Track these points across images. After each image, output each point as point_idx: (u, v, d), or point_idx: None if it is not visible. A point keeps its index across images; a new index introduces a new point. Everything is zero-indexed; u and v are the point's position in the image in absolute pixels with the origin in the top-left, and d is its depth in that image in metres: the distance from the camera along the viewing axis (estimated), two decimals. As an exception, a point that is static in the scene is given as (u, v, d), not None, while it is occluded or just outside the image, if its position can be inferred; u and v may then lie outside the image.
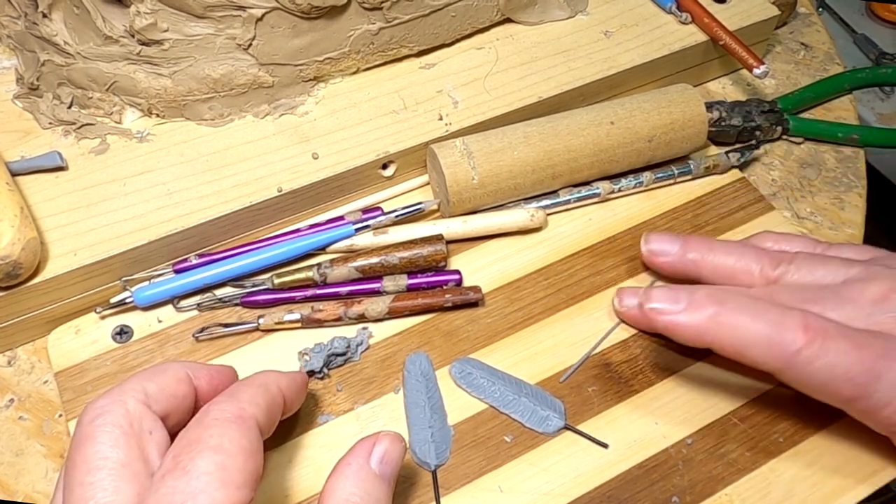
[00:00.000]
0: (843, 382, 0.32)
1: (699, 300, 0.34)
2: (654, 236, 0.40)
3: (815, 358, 0.32)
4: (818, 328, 0.32)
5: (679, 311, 0.34)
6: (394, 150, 0.44)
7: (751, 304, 0.33)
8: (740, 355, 0.34)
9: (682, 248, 0.39)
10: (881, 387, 0.32)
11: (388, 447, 0.30)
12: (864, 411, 0.33)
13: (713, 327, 0.33)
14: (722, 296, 0.34)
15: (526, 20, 0.50)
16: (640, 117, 0.44)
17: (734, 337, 0.33)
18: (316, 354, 0.39)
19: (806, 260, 0.37)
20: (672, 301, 0.35)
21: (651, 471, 0.36)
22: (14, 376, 0.40)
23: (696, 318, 0.34)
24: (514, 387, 0.38)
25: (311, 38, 0.44)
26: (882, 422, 0.33)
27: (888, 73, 0.54)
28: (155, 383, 0.29)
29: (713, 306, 0.34)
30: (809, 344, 0.32)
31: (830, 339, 0.32)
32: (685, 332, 0.34)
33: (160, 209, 0.41)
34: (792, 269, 0.37)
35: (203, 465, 0.25)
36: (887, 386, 0.32)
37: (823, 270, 0.36)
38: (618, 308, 0.40)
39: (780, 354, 0.32)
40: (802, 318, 0.32)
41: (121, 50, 0.42)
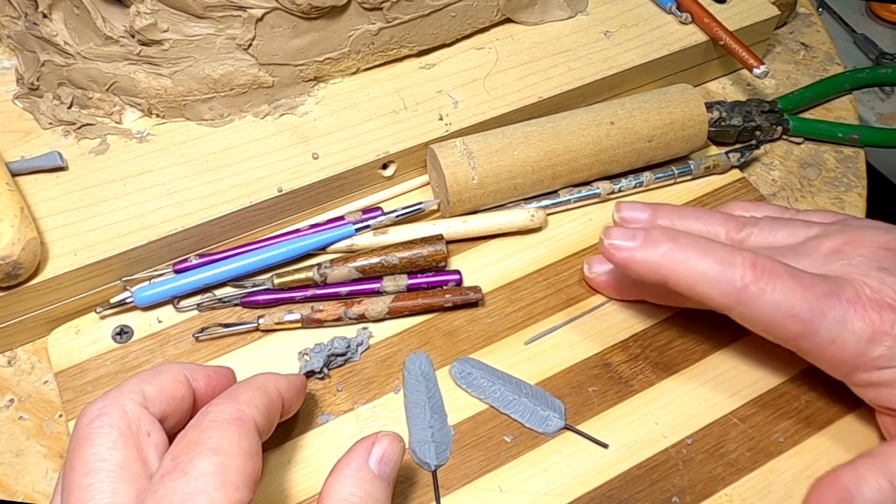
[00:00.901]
0: (788, 319, 0.33)
1: (654, 237, 0.35)
2: (624, 205, 0.41)
3: (762, 293, 0.33)
4: (766, 266, 0.33)
5: (635, 248, 0.35)
6: (394, 150, 0.44)
7: (703, 242, 0.34)
8: (692, 290, 0.34)
9: (652, 215, 0.40)
10: (826, 324, 0.32)
11: (387, 447, 0.30)
12: (809, 350, 0.34)
13: (666, 263, 0.34)
14: (676, 233, 0.35)
15: (526, 20, 0.50)
16: (640, 117, 0.44)
17: (686, 272, 0.34)
18: (316, 354, 0.39)
19: (769, 223, 0.38)
20: (629, 238, 0.35)
21: (651, 471, 0.36)
22: (14, 376, 0.40)
23: (650, 254, 0.35)
24: (514, 387, 0.38)
25: (311, 38, 0.44)
26: (828, 360, 0.34)
27: (888, 73, 0.54)
28: (153, 385, 0.29)
29: (667, 242, 0.35)
30: (756, 280, 0.33)
31: (777, 276, 0.33)
32: (640, 268, 0.35)
33: (160, 209, 0.41)
34: (755, 231, 0.38)
35: (202, 466, 0.25)
36: (832, 324, 0.32)
37: (784, 232, 0.37)
38: (587, 275, 0.41)
39: (728, 290, 0.33)
40: (751, 256, 0.33)
41: (121, 50, 0.42)
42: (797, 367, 0.39)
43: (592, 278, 0.41)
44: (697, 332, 0.40)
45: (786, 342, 0.34)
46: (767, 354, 0.40)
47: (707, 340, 0.40)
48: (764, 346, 0.40)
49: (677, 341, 0.40)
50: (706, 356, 0.40)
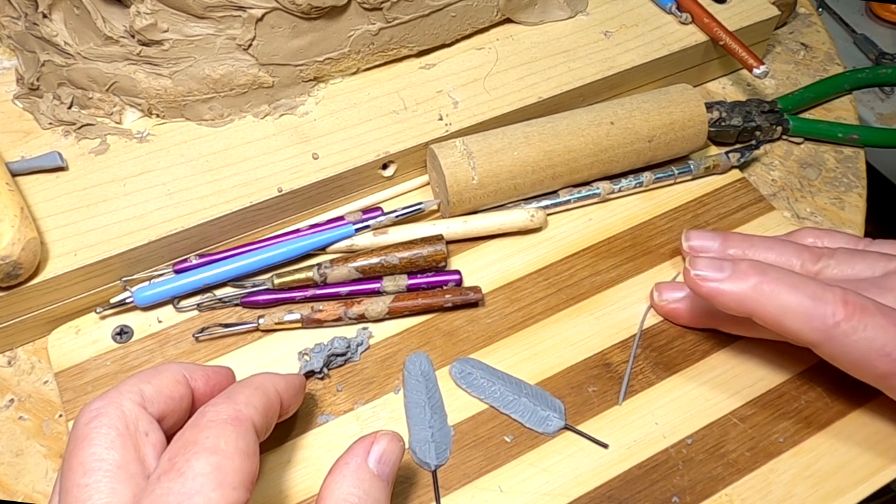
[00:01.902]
0: (879, 357, 0.32)
1: (743, 269, 0.35)
2: (694, 233, 0.40)
3: (854, 332, 0.32)
4: (857, 303, 0.33)
5: (723, 279, 0.35)
6: (394, 150, 0.44)
7: (793, 277, 0.34)
8: (780, 325, 0.34)
9: (722, 245, 0.39)
10: None
11: (386, 447, 0.30)
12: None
13: (754, 296, 0.34)
14: (765, 267, 0.35)
15: (526, 20, 0.50)
16: (640, 117, 0.44)
17: (775, 307, 0.34)
18: (316, 354, 0.39)
19: (846, 255, 0.37)
20: (716, 269, 0.35)
21: (651, 471, 0.36)
22: (14, 376, 0.40)
23: (738, 286, 0.34)
24: (514, 387, 0.38)
25: (311, 38, 0.44)
26: None
27: (888, 73, 0.54)
28: (151, 385, 0.29)
29: (756, 276, 0.34)
30: (849, 318, 0.32)
31: (869, 314, 0.32)
32: (727, 300, 0.35)
33: (160, 209, 0.41)
34: (832, 263, 0.37)
35: (199, 466, 0.25)
36: None
37: (863, 264, 0.37)
38: (657, 302, 0.41)
39: (819, 326, 0.33)
40: (842, 293, 0.33)
41: (121, 50, 0.42)
42: (797, 367, 0.39)
43: (663, 306, 0.41)
44: (697, 333, 0.40)
45: (875, 381, 0.34)
46: (767, 354, 0.40)
47: (707, 340, 0.40)
48: (764, 347, 0.40)
49: (677, 341, 0.40)
50: (706, 356, 0.40)
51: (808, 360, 0.39)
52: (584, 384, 0.39)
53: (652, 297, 0.41)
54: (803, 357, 0.39)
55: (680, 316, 0.40)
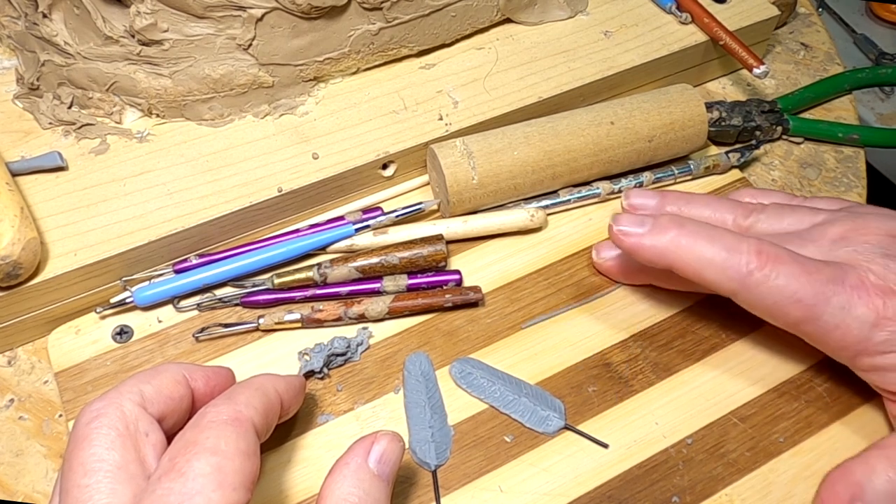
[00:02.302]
0: (792, 304, 0.33)
1: (662, 223, 0.36)
2: (633, 192, 0.41)
3: (766, 279, 0.33)
4: (771, 252, 0.34)
5: (643, 234, 0.36)
6: (394, 150, 0.44)
7: (710, 229, 0.35)
8: (698, 276, 0.35)
9: (660, 202, 0.40)
10: (829, 309, 0.33)
11: (386, 447, 0.30)
12: (813, 334, 0.34)
13: (673, 249, 0.35)
14: (683, 220, 0.36)
15: (526, 20, 0.50)
16: (640, 117, 0.44)
17: (693, 258, 0.35)
18: (316, 354, 0.39)
19: (776, 210, 0.39)
20: (637, 224, 0.36)
21: (651, 471, 0.36)
22: (14, 376, 0.40)
23: (658, 240, 0.35)
24: (514, 387, 0.38)
25: (311, 38, 0.44)
26: (832, 345, 0.34)
27: (888, 73, 0.54)
28: (151, 385, 0.29)
29: (674, 229, 0.35)
30: (761, 266, 0.33)
31: (782, 262, 0.33)
32: (648, 254, 0.36)
33: (160, 209, 0.41)
34: (762, 217, 0.38)
35: (199, 466, 0.25)
36: (835, 309, 0.33)
37: (791, 218, 0.38)
38: (595, 260, 0.42)
39: (733, 276, 0.34)
40: (757, 243, 0.34)
41: (121, 50, 0.42)
42: (797, 367, 0.39)
43: (601, 263, 0.42)
44: (697, 333, 0.40)
45: (790, 327, 0.35)
46: (767, 355, 0.40)
47: (707, 341, 0.40)
48: (763, 347, 0.40)
49: (677, 341, 0.40)
50: (706, 356, 0.40)
51: (808, 361, 0.39)
52: (584, 384, 0.39)
53: (591, 256, 0.43)
54: (803, 357, 0.40)
55: (615, 272, 0.42)
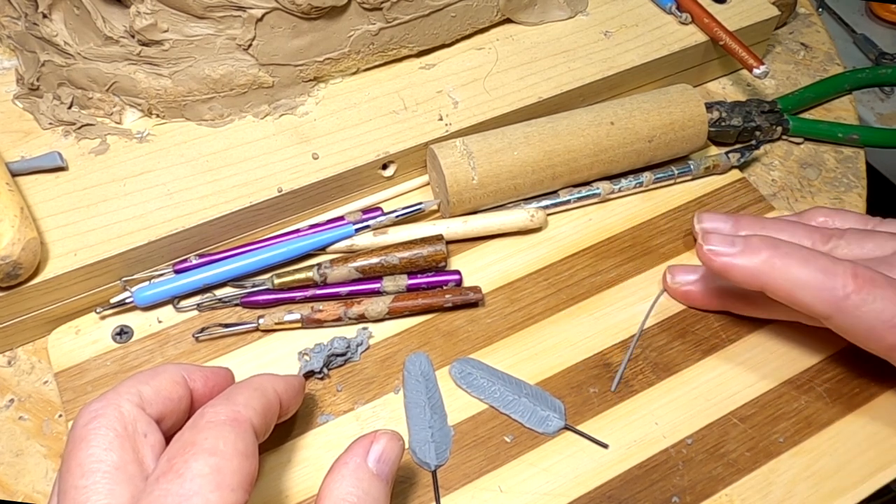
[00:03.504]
0: (888, 329, 0.33)
1: (754, 244, 0.35)
2: (706, 215, 0.41)
3: (863, 304, 0.33)
4: (867, 276, 0.33)
5: (734, 254, 0.35)
6: (394, 150, 0.44)
7: (803, 251, 0.35)
8: (791, 298, 0.35)
9: (734, 226, 0.40)
10: None
11: (385, 446, 0.30)
12: None
13: (766, 270, 0.35)
14: (776, 241, 0.35)
15: (526, 20, 0.50)
16: (640, 117, 0.44)
17: (786, 279, 0.34)
18: (316, 354, 0.39)
19: (856, 235, 0.38)
20: (728, 244, 0.36)
21: (651, 471, 0.36)
22: (14, 376, 0.40)
23: (750, 260, 0.35)
24: (514, 387, 0.38)
25: (311, 38, 0.44)
26: None
27: (888, 73, 0.54)
28: (150, 386, 0.29)
29: (767, 250, 0.35)
30: (858, 290, 0.33)
31: (878, 286, 0.33)
32: (740, 273, 0.35)
33: (160, 209, 0.41)
34: (842, 243, 0.38)
35: (197, 467, 0.25)
36: None
37: (873, 244, 0.37)
38: (670, 284, 0.41)
39: (829, 298, 0.34)
40: (852, 266, 0.34)
41: (121, 50, 0.42)
42: (797, 367, 0.39)
43: (676, 288, 0.41)
44: (697, 333, 0.40)
45: (884, 352, 0.35)
46: (767, 355, 0.40)
47: (707, 341, 0.40)
48: (763, 347, 0.40)
49: (677, 341, 0.40)
50: (706, 356, 0.40)
51: (809, 361, 0.39)
52: (584, 384, 0.38)
53: (665, 280, 0.42)
54: (803, 357, 0.40)
55: (693, 298, 0.41)
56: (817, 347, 0.40)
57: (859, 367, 0.39)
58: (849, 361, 0.39)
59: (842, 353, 0.40)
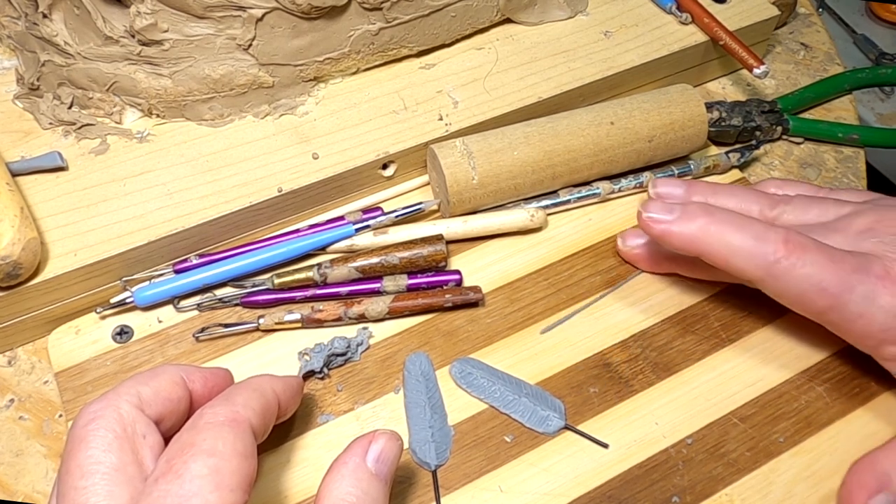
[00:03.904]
0: (817, 293, 0.34)
1: (691, 211, 0.36)
2: (660, 181, 0.41)
3: (793, 268, 0.34)
4: (797, 242, 0.34)
5: (672, 221, 0.36)
6: (394, 150, 0.44)
7: (738, 218, 0.36)
8: (725, 263, 0.36)
9: (687, 192, 0.41)
10: (854, 298, 0.34)
11: (384, 445, 0.30)
12: (838, 323, 0.35)
13: (702, 236, 0.36)
14: (712, 208, 0.36)
15: (526, 20, 0.50)
16: (640, 117, 0.44)
17: (721, 245, 0.35)
18: (316, 354, 0.39)
19: (802, 201, 0.39)
20: (667, 211, 0.37)
21: (651, 471, 0.36)
22: (14, 376, 0.40)
23: (687, 227, 0.36)
24: (514, 387, 0.38)
25: (311, 38, 0.44)
26: (856, 334, 0.35)
27: (888, 73, 0.54)
28: (149, 387, 0.29)
29: (703, 217, 0.36)
30: (788, 255, 0.34)
31: (808, 252, 0.34)
32: (677, 240, 0.36)
33: (160, 209, 0.41)
34: (788, 209, 0.39)
35: (196, 468, 0.25)
36: (860, 298, 0.34)
37: (817, 210, 0.38)
38: (621, 248, 0.43)
39: (760, 263, 0.35)
40: (784, 232, 0.35)
41: (121, 50, 0.42)
42: (797, 367, 0.39)
43: (626, 251, 0.42)
44: (697, 333, 0.40)
45: (815, 315, 0.35)
46: (767, 355, 0.40)
47: (706, 341, 0.40)
48: (763, 347, 0.40)
49: (677, 341, 0.40)
50: (706, 356, 0.40)
51: (809, 361, 0.39)
52: (584, 384, 0.38)
53: (617, 244, 0.43)
54: (803, 357, 0.40)
55: (642, 260, 0.42)
56: (817, 347, 0.40)
57: (859, 366, 0.39)
58: (849, 361, 0.39)
59: (842, 353, 0.40)
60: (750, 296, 0.42)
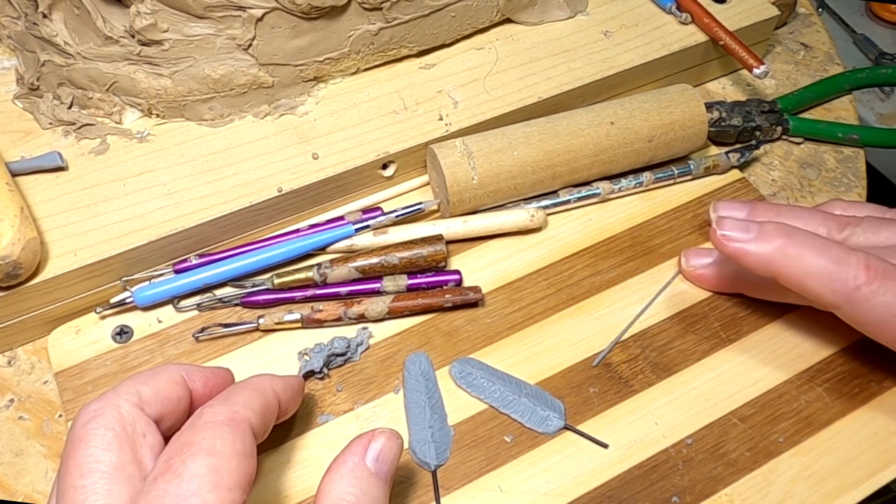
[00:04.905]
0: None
1: (769, 231, 0.35)
2: (721, 204, 0.41)
3: (874, 296, 0.33)
4: (879, 268, 0.33)
5: (748, 240, 0.35)
6: (394, 150, 0.44)
7: (817, 240, 0.35)
8: (802, 287, 0.35)
9: (749, 214, 0.40)
10: None
11: (384, 444, 0.30)
12: None
13: (779, 258, 0.35)
14: (790, 229, 0.35)
15: (526, 20, 0.50)
16: (640, 117, 0.44)
17: (798, 268, 0.34)
18: (316, 354, 0.39)
19: (872, 223, 0.38)
20: (743, 230, 0.36)
21: (651, 471, 0.36)
22: (14, 376, 0.40)
23: (764, 247, 0.35)
24: (514, 387, 0.38)
25: (311, 38, 0.44)
26: None
27: (888, 73, 0.54)
28: (149, 386, 0.29)
29: (781, 238, 0.35)
30: (870, 282, 0.33)
31: (891, 279, 0.33)
32: (752, 260, 0.35)
33: (160, 209, 0.41)
34: (858, 231, 0.38)
35: (195, 467, 0.25)
36: None
37: (888, 232, 0.37)
38: (685, 267, 0.42)
39: (840, 289, 0.34)
40: (865, 257, 0.34)
41: (121, 50, 0.42)
42: (797, 367, 0.39)
43: (690, 271, 0.42)
44: (697, 333, 0.40)
45: (893, 344, 0.35)
46: (766, 355, 0.40)
47: (706, 341, 0.40)
48: (763, 347, 0.40)
49: (677, 341, 0.40)
50: (705, 356, 0.40)
51: (809, 361, 0.39)
52: (584, 384, 0.38)
53: (680, 263, 0.42)
54: (803, 357, 0.40)
55: (707, 280, 0.41)
56: (817, 347, 0.40)
57: (860, 366, 0.39)
58: (849, 361, 0.39)
59: (842, 353, 0.40)
60: (750, 296, 0.42)
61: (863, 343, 0.39)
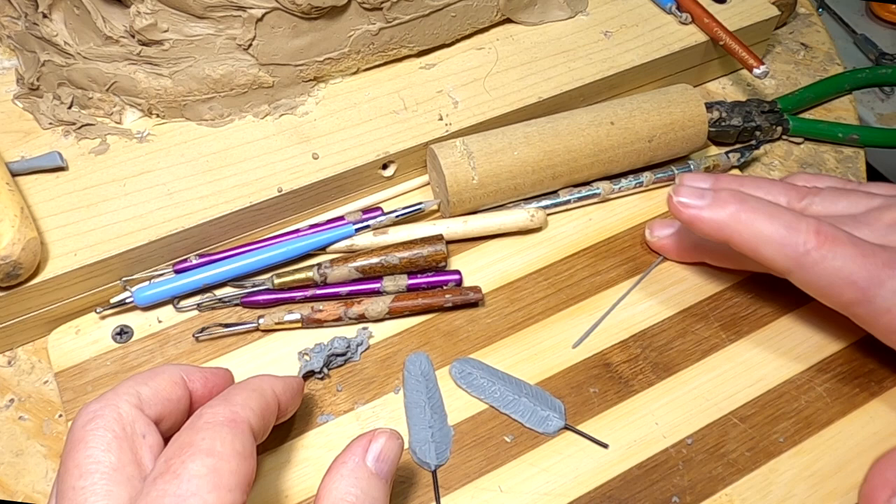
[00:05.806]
0: (846, 285, 0.34)
1: (723, 197, 0.36)
2: (687, 176, 0.41)
3: (823, 260, 0.34)
4: (829, 233, 0.34)
5: (703, 206, 0.36)
6: (394, 150, 0.44)
7: (770, 206, 0.35)
8: (755, 252, 0.35)
9: (713, 185, 0.40)
10: (882, 293, 0.33)
11: (384, 444, 0.30)
12: (864, 316, 0.35)
13: (732, 223, 0.35)
14: (744, 196, 0.36)
15: (526, 20, 0.50)
16: (640, 117, 0.44)
17: (751, 234, 0.35)
18: (316, 354, 0.39)
19: (831, 193, 0.38)
20: (697, 197, 0.36)
21: (651, 471, 0.36)
22: (14, 376, 0.40)
23: (717, 213, 0.36)
24: (514, 387, 0.38)
25: (311, 38, 0.44)
26: (882, 328, 0.35)
27: (888, 73, 0.54)
28: (149, 387, 0.29)
29: (735, 204, 0.35)
30: (819, 246, 0.34)
31: (839, 244, 0.34)
32: (707, 226, 0.36)
33: (160, 209, 0.41)
34: (817, 200, 0.38)
35: (194, 468, 0.25)
36: (888, 293, 0.33)
37: (846, 202, 0.38)
38: (649, 239, 0.43)
39: (790, 254, 0.34)
40: (816, 223, 0.34)
41: (121, 50, 0.42)
42: (797, 367, 0.39)
43: (654, 241, 0.43)
44: (697, 333, 0.40)
45: (841, 308, 0.35)
46: (766, 355, 0.40)
47: (707, 341, 0.40)
48: (763, 347, 0.40)
49: (677, 341, 0.40)
50: (705, 356, 0.40)
51: (809, 361, 0.39)
52: (584, 384, 0.38)
53: (644, 235, 0.43)
54: (803, 357, 0.40)
55: (669, 250, 0.42)
56: (817, 347, 0.40)
57: (860, 366, 0.39)
58: (850, 361, 0.39)
59: (843, 353, 0.40)
60: (750, 296, 0.42)
61: (864, 343, 0.39)
